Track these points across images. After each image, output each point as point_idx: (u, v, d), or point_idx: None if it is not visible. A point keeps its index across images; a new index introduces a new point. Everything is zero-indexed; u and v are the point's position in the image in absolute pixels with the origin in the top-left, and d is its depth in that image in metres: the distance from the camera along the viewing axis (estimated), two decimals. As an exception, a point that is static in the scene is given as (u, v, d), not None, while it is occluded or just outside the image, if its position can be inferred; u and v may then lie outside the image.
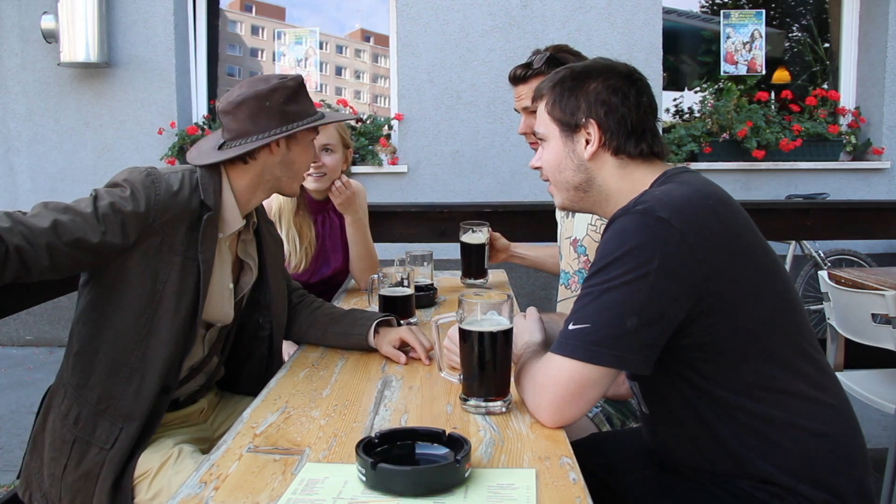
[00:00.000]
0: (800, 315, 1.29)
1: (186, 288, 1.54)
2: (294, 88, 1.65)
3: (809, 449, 1.22)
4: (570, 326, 1.20)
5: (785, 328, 1.25)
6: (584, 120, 1.35)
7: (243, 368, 1.87)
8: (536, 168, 1.47)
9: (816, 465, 1.22)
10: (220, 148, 1.64)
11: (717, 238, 1.19)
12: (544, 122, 1.41)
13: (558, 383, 1.19)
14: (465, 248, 2.45)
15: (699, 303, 1.17)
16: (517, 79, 2.15)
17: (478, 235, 2.43)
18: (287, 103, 1.63)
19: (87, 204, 1.44)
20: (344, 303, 2.34)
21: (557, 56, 2.08)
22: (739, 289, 1.20)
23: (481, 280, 2.46)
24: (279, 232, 2.20)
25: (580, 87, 1.36)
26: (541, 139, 1.44)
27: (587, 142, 1.36)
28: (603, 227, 1.99)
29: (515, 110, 2.20)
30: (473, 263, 2.46)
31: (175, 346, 1.54)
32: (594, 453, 1.53)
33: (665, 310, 1.16)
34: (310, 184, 2.39)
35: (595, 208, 1.43)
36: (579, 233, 2.11)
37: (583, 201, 1.42)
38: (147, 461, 1.53)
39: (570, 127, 1.37)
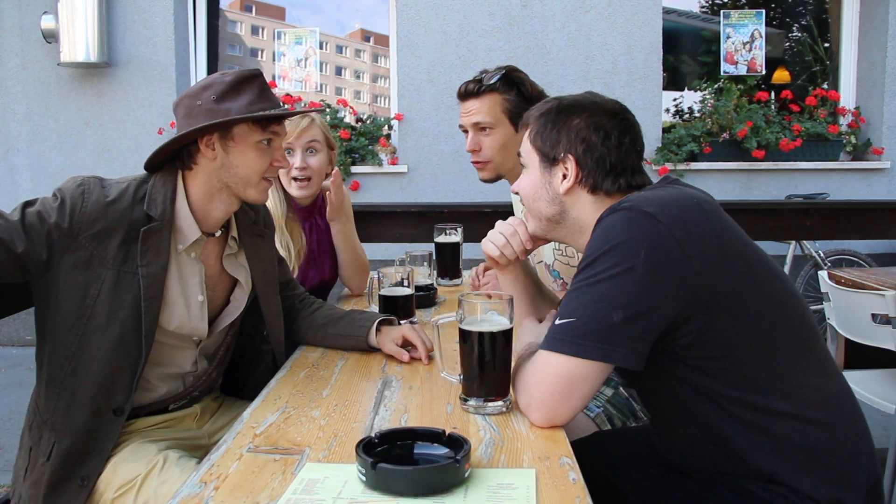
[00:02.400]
0: (798, 303, 1.29)
1: (121, 303, 1.47)
2: (232, 83, 1.52)
3: (814, 441, 1.22)
4: (557, 321, 1.21)
5: (786, 318, 1.25)
6: (562, 155, 1.37)
7: (249, 378, 1.85)
8: (515, 192, 1.50)
9: (824, 458, 1.22)
10: None
11: (703, 233, 1.20)
12: (526, 150, 1.44)
13: (546, 380, 1.19)
14: (440, 249, 2.48)
15: (694, 300, 1.17)
16: (468, 93, 2.07)
17: (451, 237, 2.45)
18: (220, 100, 1.51)
19: (17, 211, 1.41)
20: (343, 303, 2.33)
21: (512, 75, 2.03)
22: (733, 283, 1.20)
23: (456, 280, 2.49)
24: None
25: (564, 121, 1.38)
26: (522, 164, 1.46)
27: (564, 176, 1.37)
28: (567, 249, 1.99)
29: (461, 127, 2.12)
30: (448, 264, 2.49)
31: (109, 363, 1.48)
32: (597, 452, 1.53)
33: (654, 304, 1.16)
34: (295, 191, 2.28)
35: (567, 239, 1.45)
36: (548, 258, 2.10)
37: (555, 231, 1.44)
38: (131, 470, 1.49)
39: (549, 159, 1.39)
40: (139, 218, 1.49)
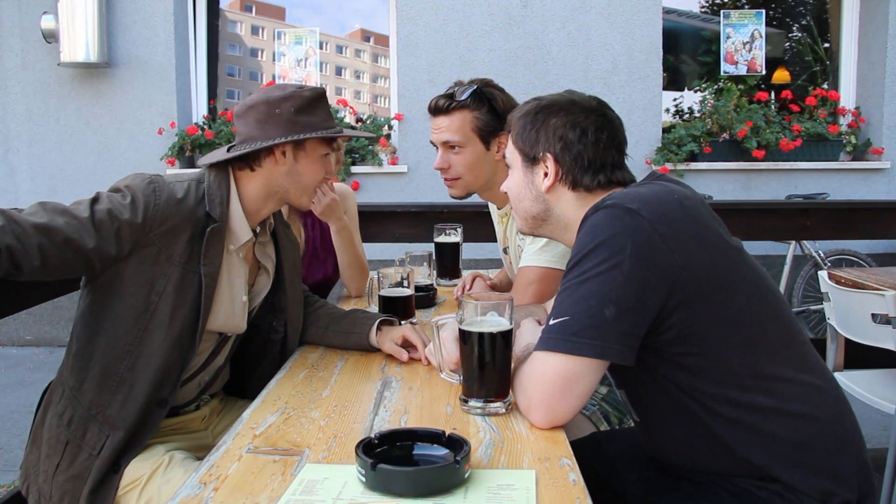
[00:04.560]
0: (778, 299, 1.30)
1: (184, 300, 1.51)
2: (309, 99, 1.60)
3: (802, 434, 1.23)
4: (551, 321, 1.22)
5: (765, 313, 1.26)
6: (541, 154, 1.39)
7: (254, 372, 1.84)
8: (504, 192, 1.52)
9: (811, 451, 1.23)
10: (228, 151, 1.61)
11: (685, 228, 1.22)
12: (510, 151, 1.47)
13: (544, 380, 1.20)
14: (439, 249, 2.48)
15: (675, 292, 1.18)
16: (439, 109, 2.04)
17: (451, 237, 2.45)
18: (299, 113, 1.58)
19: (84, 208, 1.42)
20: (342, 304, 2.33)
21: (484, 90, 2.01)
22: (714, 277, 1.22)
23: (456, 280, 2.47)
24: None
25: (542, 121, 1.40)
26: (508, 165, 1.49)
27: (545, 175, 1.40)
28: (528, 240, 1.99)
29: (432, 143, 2.10)
30: (448, 264, 2.48)
31: (167, 358, 1.51)
32: (595, 452, 1.53)
33: (642, 297, 1.18)
34: None
35: (554, 236, 1.47)
36: (511, 244, 2.11)
37: (542, 229, 1.47)
38: (138, 469, 1.51)
39: (530, 159, 1.42)
40: (202, 217, 1.53)
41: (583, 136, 1.37)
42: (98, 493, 1.50)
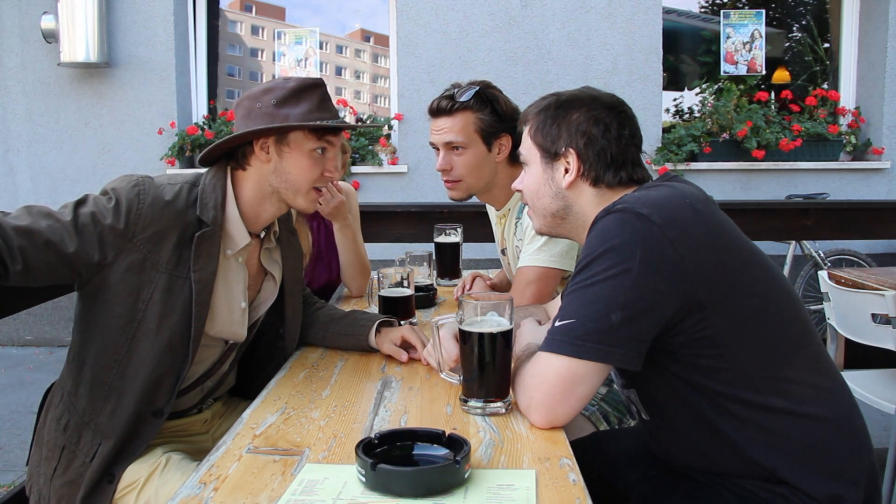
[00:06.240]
0: (793, 301, 1.29)
1: (172, 308, 1.46)
2: (294, 90, 1.52)
3: (813, 437, 1.22)
4: (557, 323, 1.21)
5: (780, 315, 1.25)
6: (563, 149, 1.37)
7: (259, 376, 1.83)
8: (518, 190, 1.50)
9: (822, 454, 1.22)
10: None
11: (697, 233, 1.21)
12: (527, 147, 1.44)
13: (546, 381, 1.20)
14: (439, 249, 2.47)
15: (688, 299, 1.18)
16: (441, 111, 2.03)
17: (451, 237, 2.45)
18: (280, 105, 1.50)
19: (68, 211, 1.38)
20: (343, 304, 2.33)
21: (486, 92, 2.01)
22: (727, 281, 1.21)
23: (456, 280, 2.46)
24: None
25: (563, 115, 1.38)
26: (523, 162, 1.47)
27: (566, 170, 1.38)
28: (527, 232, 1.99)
29: (432, 144, 2.08)
30: (448, 264, 2.48)
31: (158, 367, 1.47)
32: (597, 451, 1.53)
33: (651, 304, 1.17)
34: None
35: (572, 234, 1.45)
36: (509, 245, 2.10)
37: (560, 227, 1.45)
38: (135, 472, 1.50)
39: (550, 154, 1.39)
40: (192, 222, 1.47)
41: (606, 131, 1.36)
42: (91, 500, 1.48)
